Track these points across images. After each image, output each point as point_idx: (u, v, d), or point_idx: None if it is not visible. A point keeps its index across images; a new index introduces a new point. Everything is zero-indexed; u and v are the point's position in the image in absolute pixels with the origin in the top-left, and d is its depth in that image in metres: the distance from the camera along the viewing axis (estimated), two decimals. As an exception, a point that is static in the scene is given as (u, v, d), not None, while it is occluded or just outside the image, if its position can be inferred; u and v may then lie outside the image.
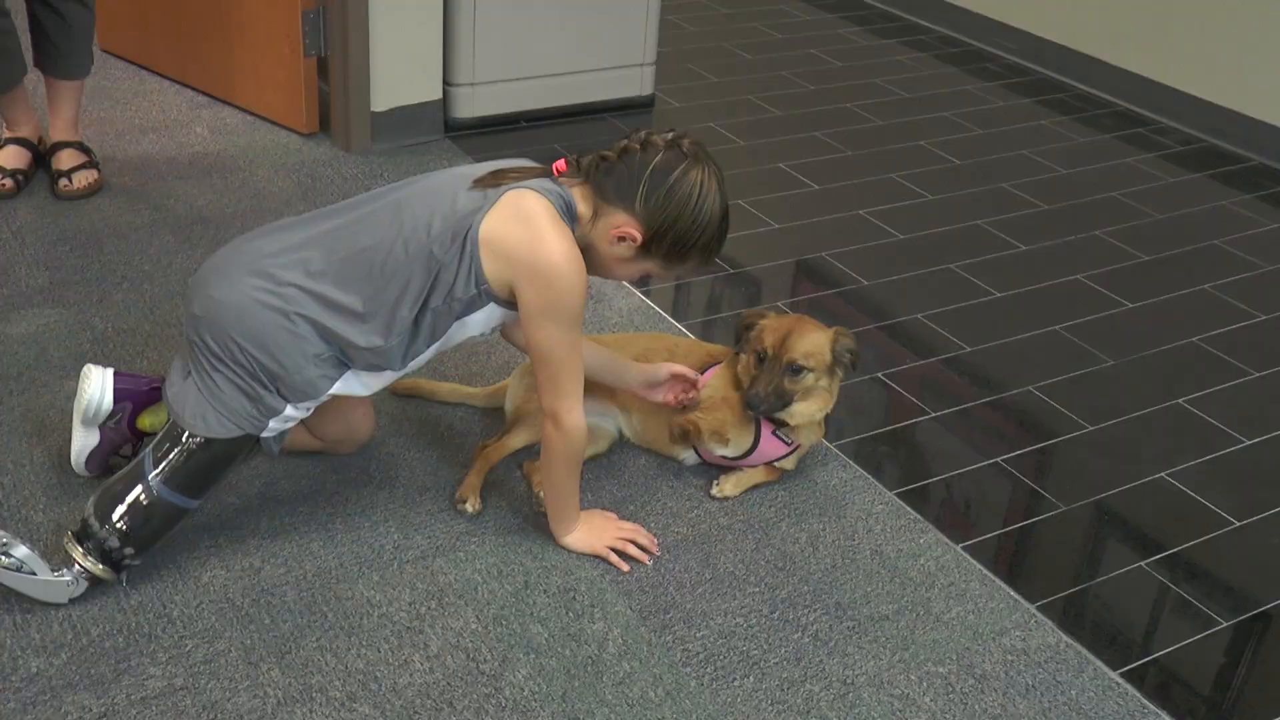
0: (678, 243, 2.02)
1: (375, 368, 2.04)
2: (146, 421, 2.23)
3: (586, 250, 2.02)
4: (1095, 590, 2.26)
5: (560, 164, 2.06)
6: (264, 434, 2.03)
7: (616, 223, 2.01)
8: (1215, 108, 4.35)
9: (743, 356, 2.36)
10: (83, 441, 2.20)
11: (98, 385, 2.18)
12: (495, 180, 2.01)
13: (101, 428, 2.20)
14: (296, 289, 1.96)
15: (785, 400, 2.29)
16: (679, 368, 2.37)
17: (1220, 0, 4.26)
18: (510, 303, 2.01)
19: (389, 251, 1.96)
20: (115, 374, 2.21)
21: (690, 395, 2.37)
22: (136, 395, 2.22)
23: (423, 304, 1.98)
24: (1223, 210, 3.84)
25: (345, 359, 2.02)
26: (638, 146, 2.01)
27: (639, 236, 2.01)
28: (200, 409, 1.97)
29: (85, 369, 2.19)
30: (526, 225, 1.95)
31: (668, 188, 1.98)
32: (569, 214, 2.00)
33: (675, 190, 1.98)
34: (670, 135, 2.03)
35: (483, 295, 1.99)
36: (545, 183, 2.01)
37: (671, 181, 1.98)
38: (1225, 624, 2.22)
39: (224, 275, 2.00)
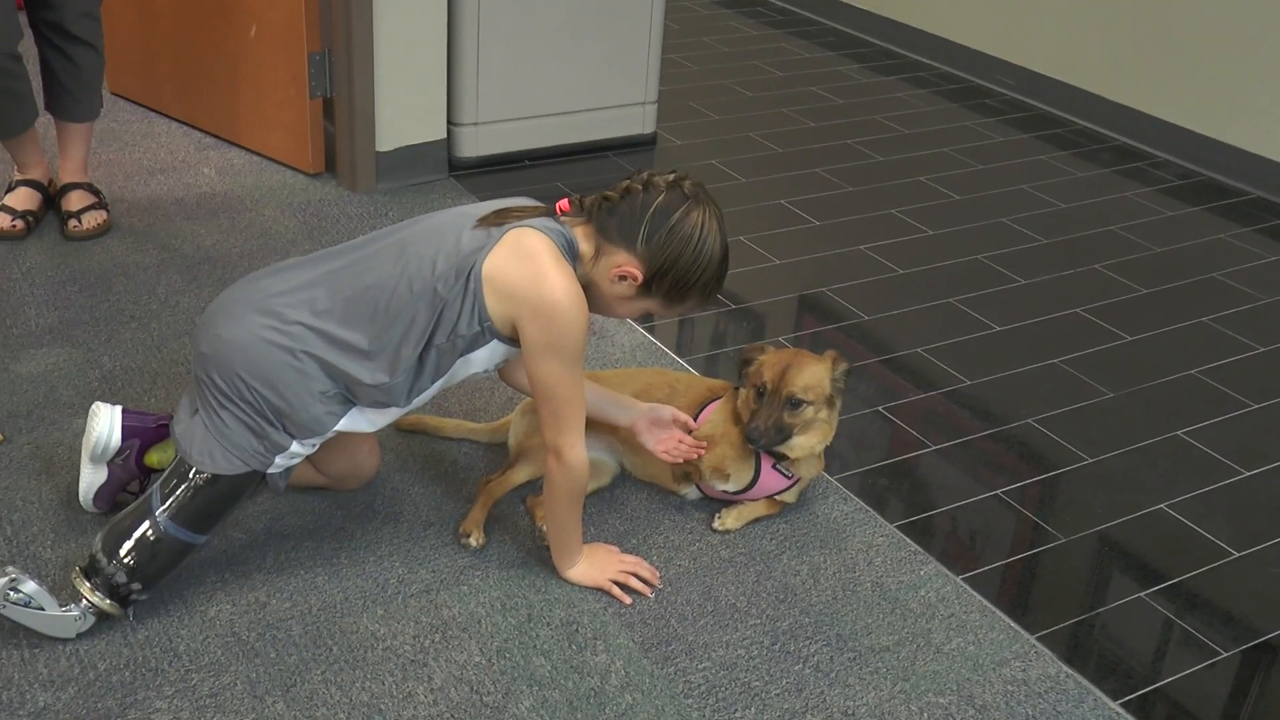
0: (678, 282, 2.05)
1: (380, 405, 2.07)
2: (154, 458, 2.26)
3: (588, 288, 2.05)
4: (1096, 621, 2.27)
5: (563, 203, 2.09)
6: (270, 470, 2.05)
7: (618, 262, 2.04)
8: (1212, 142, 4.39)
9: (742, 391, 2.39)
10: (91, 478, 2.23)
11: (106, 423, 2.20)
12: (498, 219, 2.04)
13: (109, 465, 2.23)
14: (303, 327, 1.99)
15: (785, 434, 2.32)
16: (683, 415, 2.39)
17: (1217, 35, 4.31)
18: (513, 339, 2.03)
19: (393, 290, 1.99)
20: (123, 411, 2.23)
21: (690, 453, 2.37)
22: (144, 432, 2.25)
23: (427, 341, 2.01)
24: (1221, 243, 3.87)
25: (351, 396, 2.05)
26: (640, 187, 2.04)
27: (640, 275, 2.04)
28: (207, 446, 1.99)
29: (93, 407, 2.22)
30: (529, 262, 1.97)
31: (669, 228, 2.01)
32: (571, 252, 2.03)
33: (676, 231, 2.02)
34: (672, 176, 2.06)
35: (486, 332, 2.02)
36: (548, 221, 2.04)
37: (673, 222, 2.01)
38: (1226, 654, 2.23)
39: (231, 314, 2.03)
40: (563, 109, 4.07)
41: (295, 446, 2.04)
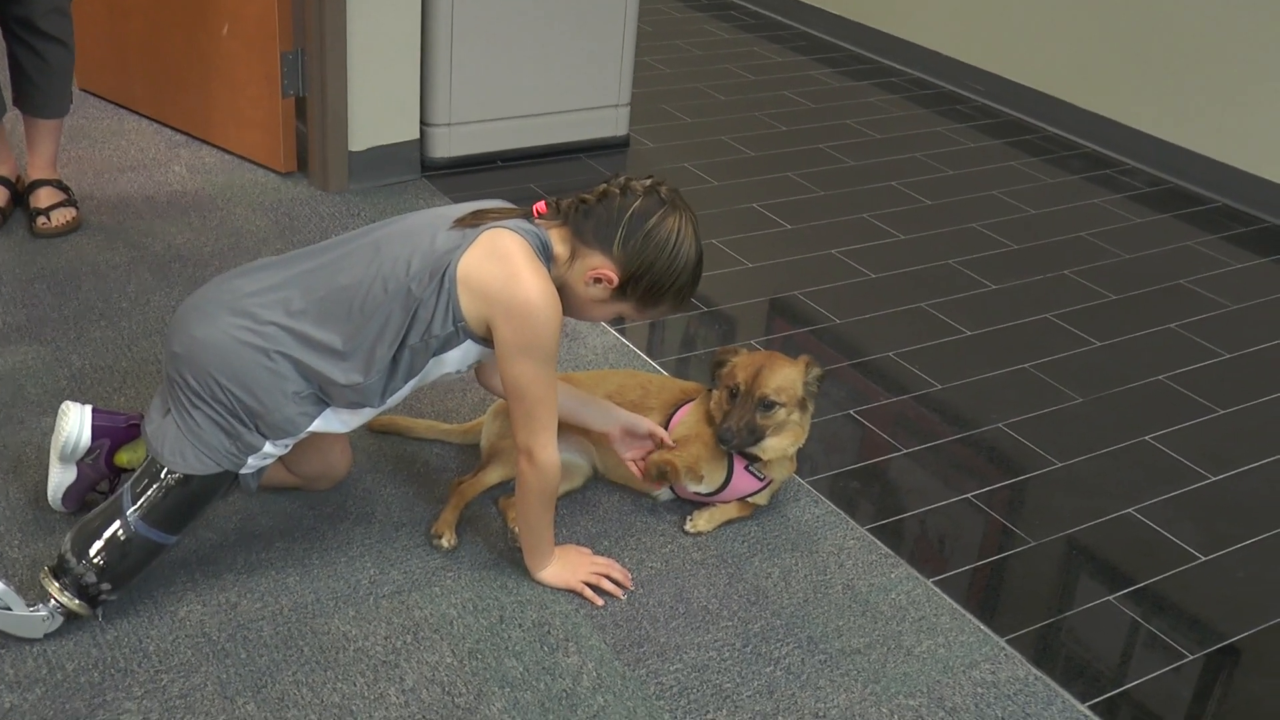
0: (653, 286, 2.06)
1: (354, 405, 2.06)
2: (124, 458, 2.24)
3: (562, 290, 2.05)
4: (1064, 624, 2.29)
5: (540, 206, 2.10)
6: (242, 471, 2.04)
7: (593, 265, 2.04)
8: (1181, 150, 4.43)
9: (715, 393, 2.40)
10: (60, 478, 2.21)
11: (76, 422, 2.19)
12: (474, 220, 2.04)
13: (79, 464, 2.21)
14: (277, 327, 1.98)
15: (757, 435, 2.32)
16: (661, 431, 2.39)
17: (1186, 45, 4.35)
18: (487, 340, 2.03)
19: (368, 290, 1.99)
20: (93, 411, 2.22)
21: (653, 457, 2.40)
22: (114, 432, 2.23)
23: (401, 341, 2.00)
24: (1188, 250, 3.91)
25: (324, 396, 2.04)
26: (617, 191, 2.05)
27: (615, 279, 2.04)
28: (179, 446, 1.98)
29: (63, 406, 2.21)
30: (503, 263, 1.97)
31: (645, 233, 2.02)
32: (545, 254, 2.03)
33: (652, 235, 2.02)
34: (649, 181, 2.07)
35: (460, 332, 2.01)
36: (523, 223, 2.04)
37: (649, 227, 2.02)
38: (1192, 657, 2.25)
39: (204, 314, 2.02)
40: (535, 110, 4.07)
41: (268, 447, 2.03)
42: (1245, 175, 4.24)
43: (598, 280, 2.05)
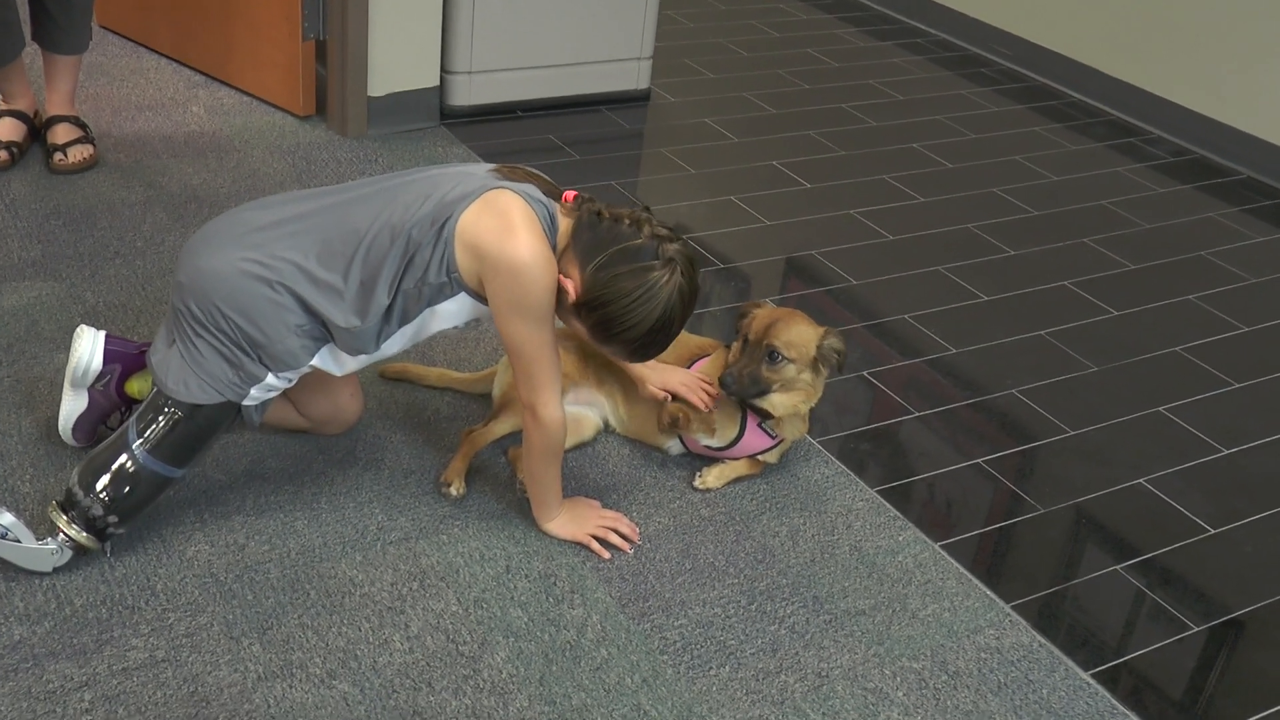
0: (604, 323, 2.02)
1: (352, 350, 2.06)
2: (135, 387, 2.25)
3: None
4: (1070, 592, 2.29)
5: (569, 194, 2.07)
6: (245, 402, 2.04)
7: (568, 272, 2.02)
8: (1206, 120, 4.38)
9: (734, 344, 2.39)
10: (71, 405, 2.21)
11: (88, 345, 2.19)
12: (508, 172, 2.04)
13: (90, 390, 2.21)
14: (284, 261, 1.98)
15: (761, 386, 2.31)
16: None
17: (1215, 14, 4.29)
18: (481, 295, 2.02)
19: (375, 235, 1.98)
20: (107, 336, 2.22)
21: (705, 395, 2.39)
22: (126, 358, 2.24)
23: (397, 287, 1.99)
24: (1210, 222, 3.87)
25: (325, 334, 2.04)
26: (629, 221, 2.01)
27: (572, 296, 2.02)
28: (183, 375, 1.98)
29: (78, 329, 2.22)
30: (499, 219, 1.96)
31: (618, 272, 1.97)
32: (550, 229, 2.01)
33: (623, 278, 1.97)
34: (665, 231, 2.02)
35: (453, 283, 2.00)
36: (536, 193, 2.02)
37: (626, 269, 1.97)
38: (1197, 629, 2.24)
39: (212, 245, 2.02)
40: (557, 61, 4.04)
41: (271, 379, 2.03)
42: (1271, 147, 4.20)
43: (563, 289, 2.03)
